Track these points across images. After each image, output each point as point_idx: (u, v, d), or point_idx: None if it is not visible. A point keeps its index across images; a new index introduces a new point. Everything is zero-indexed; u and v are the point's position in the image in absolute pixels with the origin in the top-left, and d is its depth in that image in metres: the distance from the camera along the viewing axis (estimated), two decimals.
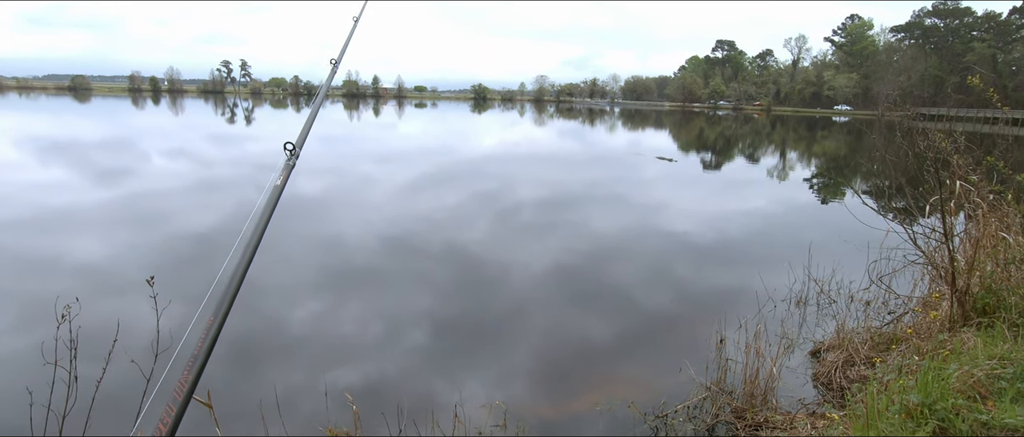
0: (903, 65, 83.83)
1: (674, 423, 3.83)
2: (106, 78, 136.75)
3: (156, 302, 2.04)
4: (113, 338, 2.24)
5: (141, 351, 2.49)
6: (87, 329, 2.30)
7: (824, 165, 23.89)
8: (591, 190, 14.05)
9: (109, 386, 2.35)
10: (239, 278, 1.34)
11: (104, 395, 2.41)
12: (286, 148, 1.77)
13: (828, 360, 4.42)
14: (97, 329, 3.12)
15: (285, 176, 1.70)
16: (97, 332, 2.82)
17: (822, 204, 14.60)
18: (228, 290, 1.28)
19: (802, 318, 5.85)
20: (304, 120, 2.12)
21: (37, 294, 6.08)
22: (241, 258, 1.37)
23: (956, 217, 5.14)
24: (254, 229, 1.44)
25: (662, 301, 6.64)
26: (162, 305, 2.08)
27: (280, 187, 1.65)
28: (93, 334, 2.58)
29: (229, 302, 1.28)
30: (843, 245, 7.45)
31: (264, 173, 15.58)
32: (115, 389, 2.94)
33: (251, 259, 1.40)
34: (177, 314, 5.34)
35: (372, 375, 4.67)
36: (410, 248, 8.51)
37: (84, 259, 7.34)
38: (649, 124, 53.08)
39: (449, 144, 26.78)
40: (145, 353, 2.33)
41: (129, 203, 11.03)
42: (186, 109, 54.07)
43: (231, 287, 1.29)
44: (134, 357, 2.34)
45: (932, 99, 69.67)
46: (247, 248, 1.41)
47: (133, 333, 4.39)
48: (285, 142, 1.83)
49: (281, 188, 1.64)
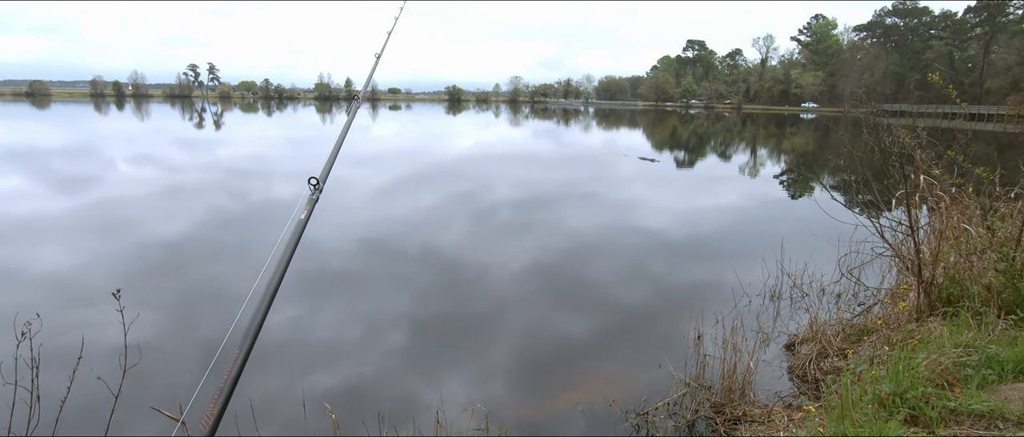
0: (866, 63, 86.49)
1: (655, 420, 3.86)
2: (66, 83, 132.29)
3: (123, 315, 1.96)
4: (77, 355, 2.15)
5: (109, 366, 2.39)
6: (50, 346, 2.20)
7: (793, 161, 24.47)
8: (569, 189, 14.12)
9: (76, 404, 2.25)
10: (264, 310, 1.30)
11: (70, 413, 2.32)
12: (310, 183, 1.74)
13: (802, 353, 4.52)
14: (61, 345, 3.00)
15: (309, 210, 1.67)
16: (61, 348, 2.71)
17: (792, 199, 14.95)
18: (253, 323, 1.25)
19: (776, 312, 5.97)
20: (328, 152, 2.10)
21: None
22: (265, 291, 1.33)
23: (920, 210, 5.31)
24: (278, 263, 1.40)
25: (640, 298, 6.70)
26: (130, 318, 2.01)
27: (304, 221, 1.62)
28: (57, 351, 2.48)
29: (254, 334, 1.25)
30: (814, 239, 7.62)
31: (237, 179, 15.26)
32: (81, 407, 2.83)
33: (275, 292, 1.36)
34: (146, 326, 5.21)
35: (351, 380, 4.60)
36: (387, 251, 8.43)
37: (46, 271, 7.07)
38: (624, 123, 53.64)
39: (424, 146, 26.63)
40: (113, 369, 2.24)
41: (91, 212, 10.67)
42: (152, 114, 52.60)
43: (256, 320, 1.26)
44: (100, 374, 2.25)
45: (894, 96, 72.04)
46: (271, 282, 1.37)
47: (98, 348, 4.24)
48: (310, 177, 1.80)
49: (305, 222, 1.61)
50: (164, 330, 5.40)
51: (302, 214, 1.62)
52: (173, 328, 5.48)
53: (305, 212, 1.63)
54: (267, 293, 1.33)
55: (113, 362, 2.26)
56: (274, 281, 1.39)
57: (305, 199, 1.65)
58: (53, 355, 2.36)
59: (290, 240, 1.48)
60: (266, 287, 1.33)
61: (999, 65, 68.09)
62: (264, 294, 1.32)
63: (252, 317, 1.27)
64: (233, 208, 11.42)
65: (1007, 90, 54.93)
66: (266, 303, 1.32)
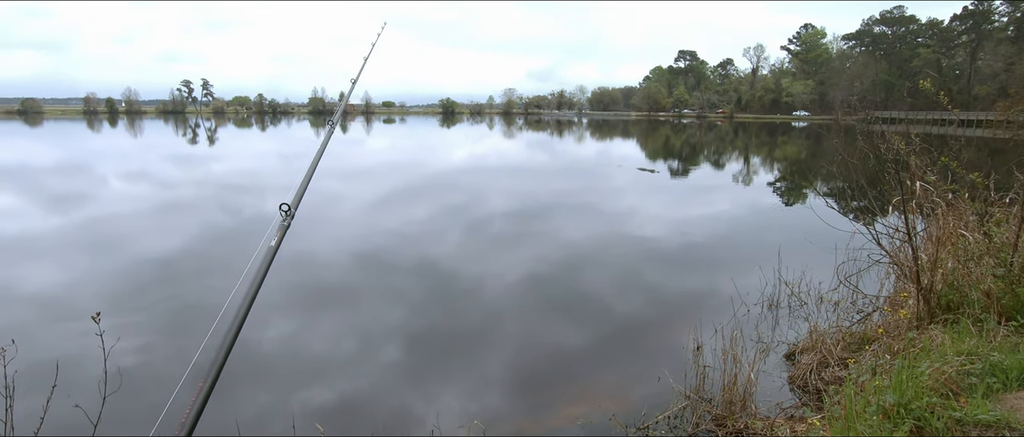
0: (855, 71, 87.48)
1: (656, 434, 3.78)
2: (60, 100, 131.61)
3: (103, 340, 1.89)
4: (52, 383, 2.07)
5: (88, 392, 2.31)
6: (27, 372, 2.12)
7: (786, 169, 24.58)
8: (563, 200, 14.09)
9: (54, 431, 2.16)
10: (232, 338, 1.23)
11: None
12: (281, 209, 1.66)
13: (803, 362, 4.46)
14: (46, 366, 2.90)
15: (280, 237, 1.59)
16: (46, 369, 2.62)
17: (787, 206, 14.97)
18: (220, 351, 1.18)
19: (775, 321, 5.92)
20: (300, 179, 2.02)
21: None
22: (234, 318, 1.26)
23: (916, 216, 5.30)
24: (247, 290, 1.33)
25: (637, 309, 6.64)
26: (110, 343, 1.94)
27: (275, 248, 1.54)
28: (35, 376, 2.39)
29: (221, 362, 1.17)
30: (810, 247, 7.60)
31: (230, 194, 15.15)
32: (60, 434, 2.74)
33: (244, 319, 1.29)
34: (127, 351, 5.10)
35: (345, 395, 4.51)
36: (381, 264, 8.35)
37: (33, 290, 6.95)
38: (617, 134, 53.86)
39: (418, 159, 26.60)
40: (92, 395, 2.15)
41: (80, 230, 10.54)
42: (145, 130, 52.41)
43: (223, 348, 1.19)
44: (78, 402, 2.17)
45: (884, 103, 72.78)
46: (240, 309, 1.29)
47: (83, 368, 4.14)
48: (281, 203, 1.71)
49: (276, 249, 1.53)
50: (152, 351, 5.29)
51: (273, 241, 1.55)
52: (161, 349, 5.38)
53: (276, 239, 1.55)
54: (235, 320, 1.26)
55: (94, 387, 2.18)
56: (243, 308, 1.32)
57: (276, 225, 1.58)
58: (39, 375, 2.27)
59: (260, 267, 1.41)
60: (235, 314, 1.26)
61: (986, 71, 69.05)
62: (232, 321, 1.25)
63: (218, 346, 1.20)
64: (226, 223, 11.32)
65: (994, 96, 55.64)
66: (234, 331, 1.25)
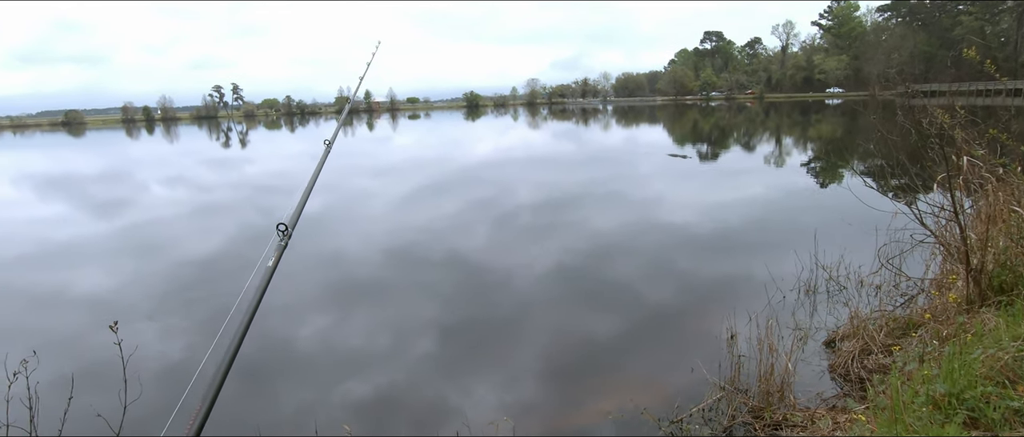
0: (892, 44, 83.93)
1: (690, 428, 3.69)
2: (99, 110, 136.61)
3: (121, 348, 1.92)
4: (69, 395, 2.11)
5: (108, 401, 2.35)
6: (52, 383, 2.16)
7: (821, 148, 23.77)
8: (590, 189, 13.92)
9: None
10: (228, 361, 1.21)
11: None
12: (279, 229, 1.65)
13: (844, 350, 4.28)
14: (92, 364, 2.98)
15: (277, 257, 1.58)
16: (93, 368, 2.68)
17: (822, 188, 14.47)
18: (216, 375, 1.16)
19: (813, 307, 5.71)
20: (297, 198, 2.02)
21: None
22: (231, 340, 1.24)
23: (963, 193, 5.02)
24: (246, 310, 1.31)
25: (668, 298, 6.50)
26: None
27: (272, 268, 1.53)
28: (94, 367, 2.45)
29: (217, 387, 1.15)
30: (848, 228, 7.32)
31: (263, 195, 15.48)
32: None
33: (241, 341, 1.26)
34: (150, 359, 5.25)
35: (381, 388, 4.54)
36: (411, 259, 8.40)
37: (83, 293, 7.22)
38: (644, 120, 53.04)
39: (444, 153, 26.69)
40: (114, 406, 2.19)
41: (124, 235, 10.92)
42: (180, 136, 54.03)
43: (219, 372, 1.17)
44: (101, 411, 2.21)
45: (924, 75, 69.65)
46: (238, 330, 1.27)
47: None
48: (278, 223, 1.71)
49: (273, 268, 1.52)
50: (192, 351, 5.43)
51: (270, 261, 1.53)
52: (200, 351, 5.52)
53: (273, 259, 1.53)
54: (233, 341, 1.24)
55: (112, 395, 2.22)
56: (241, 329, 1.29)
57: (273, 245, 1.55)
58: (90, 373, 2.33)
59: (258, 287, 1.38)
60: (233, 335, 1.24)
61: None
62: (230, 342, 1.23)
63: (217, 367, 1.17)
64: (261, 223, 11.56)
65: None
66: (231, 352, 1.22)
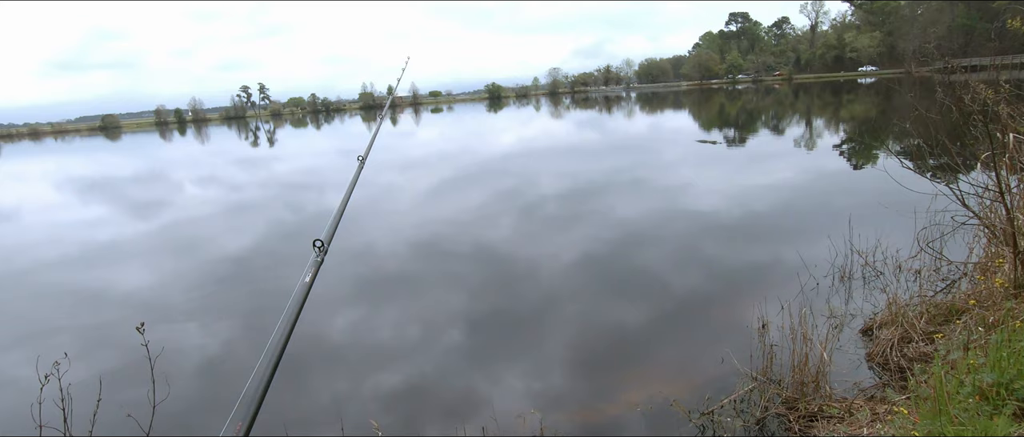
0: (928, 17, 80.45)
1: (721, 420, 3.61)
2: (133, 114, 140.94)
3: (148, 350, 1.95)
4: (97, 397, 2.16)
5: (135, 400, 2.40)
6: (91, 380, 2.22)
7: (854, 129, 23.02)
8: (615, 177, 13.76)
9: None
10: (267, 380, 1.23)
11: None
12: (315, 245, 1.69)
13: (882, 338, 4.14)
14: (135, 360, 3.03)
15: (313, 273, 1.61)
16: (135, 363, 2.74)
17: (856, 170, 14.03)
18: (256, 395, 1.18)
19: (848, 294, 5.54)
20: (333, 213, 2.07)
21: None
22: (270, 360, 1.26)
23: (1008, 172, 4.79)
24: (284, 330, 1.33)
25: (696, 287, 6.38)
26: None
27: (309, 284, 1.56)
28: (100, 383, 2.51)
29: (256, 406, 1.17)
30: (884, 211, 7.07)
31: (292, 192, 15.76)
32: None
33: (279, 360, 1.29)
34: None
35: (412, 378, 4.59)
36: (438, 252, 8.45)
37: (127, 290, 7.47)
38: (668, 105, 52.19)
39: (467, 146, 26.72)
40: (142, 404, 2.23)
41: (161, 234, 11.25)
42: (211, 137, 55.36)
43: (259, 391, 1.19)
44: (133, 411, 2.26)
45: (963, 50, 66.69)
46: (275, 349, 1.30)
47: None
48: (314, 239, 1.75)
49: (310, 285, 1.55)
50: (231, 346, 5.57)
51: (306, 278, 1.55)
52: (239, 345, 5.65)
53: (309, 276, 1.55)
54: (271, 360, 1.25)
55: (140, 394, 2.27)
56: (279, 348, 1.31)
57: (310, 262, 1.58)
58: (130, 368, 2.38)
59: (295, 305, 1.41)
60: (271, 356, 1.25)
61: None
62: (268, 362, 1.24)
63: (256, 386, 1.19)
64: (291, 219, 11.77)
65: None
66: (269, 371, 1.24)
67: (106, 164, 32.98)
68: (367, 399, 4.39)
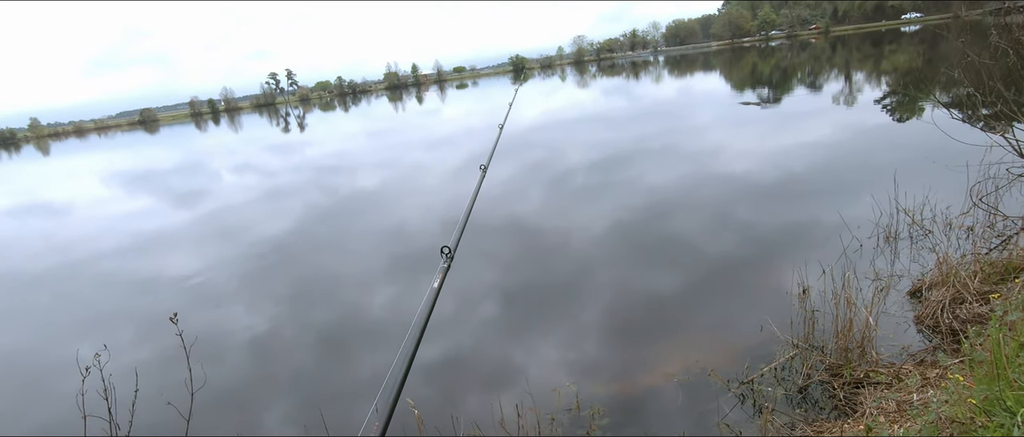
0: None
1: (761, 388, 3.53)
2: (169, 107, 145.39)
3: (182, 339, 2.00)
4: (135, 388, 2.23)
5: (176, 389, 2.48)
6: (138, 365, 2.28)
7: (897, 81, 21.87)
8: (644, 145, 13.48)
9: (153, 427, 2.35)
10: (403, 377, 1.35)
11: None
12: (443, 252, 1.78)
13: (932, 299, 3.95)
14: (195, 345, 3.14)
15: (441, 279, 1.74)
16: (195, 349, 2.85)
17: (899, 123, 13.37)
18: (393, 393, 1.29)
19: (894, 255, 5.31)
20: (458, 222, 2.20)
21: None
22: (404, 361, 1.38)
23: None
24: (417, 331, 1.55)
25: (732, 252, 6.22)
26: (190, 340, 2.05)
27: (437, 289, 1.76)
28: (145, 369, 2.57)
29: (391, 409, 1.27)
30: (932, 167, 6.74)
31: (325, 175, 16.02)
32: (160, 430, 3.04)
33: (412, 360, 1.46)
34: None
35: (449, 349, 4.65)
36: (469, 226, 8.45)
37: (176, 275, 7.77)
38: (698, 67, 50.63)
39: (494, 120, 26.55)
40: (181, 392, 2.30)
41: (202, 223, 11.62)
42: (243, 125, 56.57)
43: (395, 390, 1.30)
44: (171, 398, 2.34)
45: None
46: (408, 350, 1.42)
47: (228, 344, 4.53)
48: (442, 246, 1.95)
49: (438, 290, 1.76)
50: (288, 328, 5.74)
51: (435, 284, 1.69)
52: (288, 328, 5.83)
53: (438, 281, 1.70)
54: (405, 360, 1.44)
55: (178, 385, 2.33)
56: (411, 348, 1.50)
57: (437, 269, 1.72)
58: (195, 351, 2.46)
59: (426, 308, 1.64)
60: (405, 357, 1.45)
61: None
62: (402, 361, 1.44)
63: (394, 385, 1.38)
64: (326, 203, 11.98)
65: None
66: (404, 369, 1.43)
67: (148, 158, 34.12)
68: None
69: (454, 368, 4.50)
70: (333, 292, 6.62)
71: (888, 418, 2.78)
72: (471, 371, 4.45)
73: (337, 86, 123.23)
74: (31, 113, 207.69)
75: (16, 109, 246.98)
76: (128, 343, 5.76)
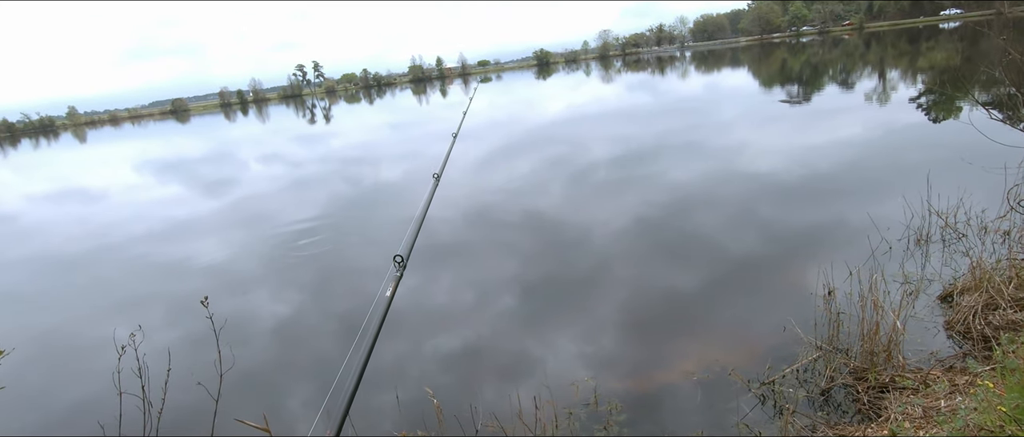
0: None
1: (782, 390, 3.49)
2: (200, 97, 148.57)
3: (213, 322, 2.07)
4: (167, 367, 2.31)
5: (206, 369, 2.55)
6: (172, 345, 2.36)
7: (933, 80, 21.19)
8: (668, 140, 13.33)
9: (181, 409, 2.41)
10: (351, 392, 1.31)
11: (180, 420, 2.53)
12: (395, 260, 1.77)
13: (964, 305, 3.85)
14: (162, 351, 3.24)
15: (394, 287, 1.70)
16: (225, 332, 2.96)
17: (934, 123, 12.97)
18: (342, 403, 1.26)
19: (924, 258, 5.18)
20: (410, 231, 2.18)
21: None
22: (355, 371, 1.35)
23: None
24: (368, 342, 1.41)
25: (756, 251, 6.13)
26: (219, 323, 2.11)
27: (390, 298, 1.64)
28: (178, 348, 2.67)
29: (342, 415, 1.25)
30: (967, 168, 6.53)
31: (350, 166, 16.24)
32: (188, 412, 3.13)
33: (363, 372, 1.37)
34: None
35: (469, 342, 4.70)
36: (492, 220, 8.54)
37: (206, 264, 7.99)
38: (725, 63, 49.76)
39: (517, 114, 26.52)
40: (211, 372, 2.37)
41: (231, 210, 11.89)
42: (271, 116, 57.56)
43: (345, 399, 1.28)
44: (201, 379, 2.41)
45: None
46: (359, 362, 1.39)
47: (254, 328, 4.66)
48: (395, 255, 1.82)
49: (390, 300, 1.63)
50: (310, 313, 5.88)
51: (388, 292, 1.64)
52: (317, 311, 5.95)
53: (390, 290, 1.65)
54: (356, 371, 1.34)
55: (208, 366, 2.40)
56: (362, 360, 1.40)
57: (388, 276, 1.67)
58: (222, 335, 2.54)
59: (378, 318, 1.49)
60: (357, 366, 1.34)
61: None
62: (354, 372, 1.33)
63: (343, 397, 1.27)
64: (350, 193, 12.16)
65: None
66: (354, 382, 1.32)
67: (180, 146, 34.99)
68: (425, 361, 4.54)
69: (473, 358, 4.54)
70: (353, 281, 6.73)
71: (913, 424, 2.73)
72: (490, 362, 4.49)
73: (362, 78, 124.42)
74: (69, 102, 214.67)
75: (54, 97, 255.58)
76: (160, 324, 5.96)
